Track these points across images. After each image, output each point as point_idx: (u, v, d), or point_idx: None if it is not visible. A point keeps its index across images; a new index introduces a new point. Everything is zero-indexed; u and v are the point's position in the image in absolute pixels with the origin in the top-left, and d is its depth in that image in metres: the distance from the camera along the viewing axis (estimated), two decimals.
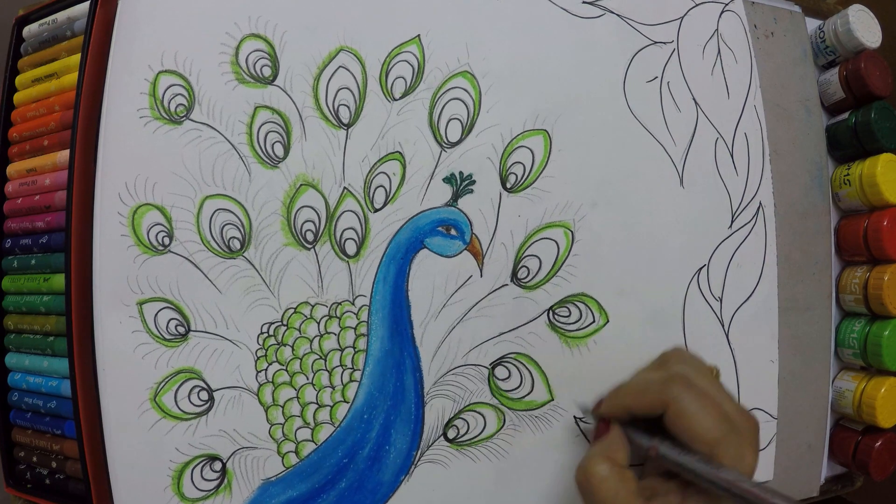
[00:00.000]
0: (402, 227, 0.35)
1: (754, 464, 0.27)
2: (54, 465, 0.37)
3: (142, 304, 0.33)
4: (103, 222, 0.34)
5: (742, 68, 0.42)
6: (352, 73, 0.36)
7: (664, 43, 0.40)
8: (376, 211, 0.35)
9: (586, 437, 0.36)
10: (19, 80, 0.41)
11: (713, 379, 0.30)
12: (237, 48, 0.35)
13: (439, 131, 0.36)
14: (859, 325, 0.43)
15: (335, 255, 0.35)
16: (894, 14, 0.53)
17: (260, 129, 0.35)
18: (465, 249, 0.36)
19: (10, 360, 0.39)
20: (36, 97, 0.39)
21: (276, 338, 0.34)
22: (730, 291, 0.40)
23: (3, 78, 0.42)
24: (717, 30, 0.41)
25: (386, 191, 0.35)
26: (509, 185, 0.37)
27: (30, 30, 0.41)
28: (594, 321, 0.37)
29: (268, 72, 0.35)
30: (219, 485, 0.33)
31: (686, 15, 0.41)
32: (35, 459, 0.37)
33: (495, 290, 0.36)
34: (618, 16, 0.39)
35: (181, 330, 0.34)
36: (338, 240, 0.35)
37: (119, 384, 0.33)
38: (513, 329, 0.36)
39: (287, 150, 0.35)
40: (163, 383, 0.33)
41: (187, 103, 0.34)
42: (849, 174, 0.43)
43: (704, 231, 0.39)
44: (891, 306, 0.41)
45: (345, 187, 0.35)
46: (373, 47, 0.36)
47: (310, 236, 0.35)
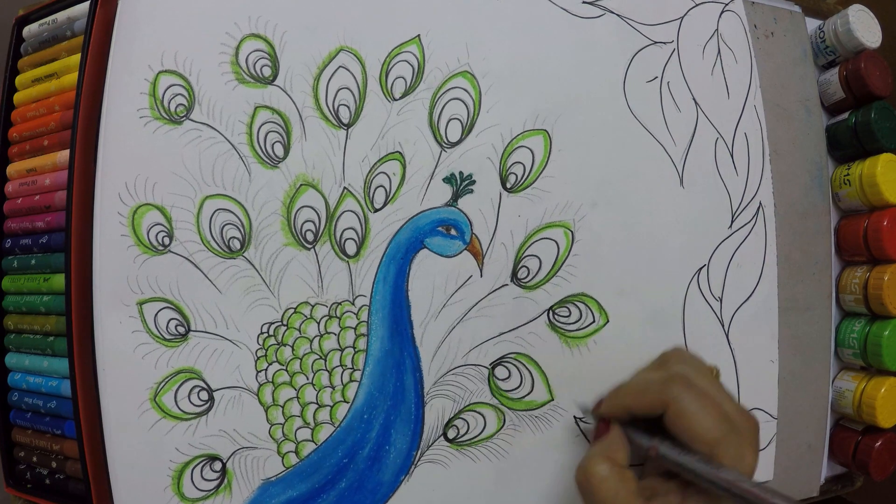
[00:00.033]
0: (402, 227, 0.35)
1: (754, 464, 0.27)
2: (54, 465, 0.37)
3: (142, 304, 0.33)
4: (103, 222, 0.34)
5: (742, 68, 0.42)
6: (352, 73, 0.36)
7: (664, 43, 0.40)
8: (376, 211, 0.35)
9: (586, 437, 0.36)
10: (19, 80, 0.41)
11: (713, 379, 0.30)
12: (237, 48, 0.35)
13: (439, 131, 0.36)
14: (859, 325, 0.43)
15: (335, 255, 0.35)
16: (894, 14, 0.53)
17: (260, 129, 0.35)
18: (465, 249, 0.36)
19: (10, 360, 0.39)
20: (36, 97, 0.39)
21: (276, 338, 0.34)
22: (730, 291, 0.40)
23: (3, 78, 0.42)
24: (717, 30, 0.41)
25: (386, 191, 0.35)
26: (509, 185, 0.37)
27: (30, 30, 0.41)
28: (594, 321, 0.37)
29: (268, 72, 0.35)
30: (219, 485, 0.33)
31: (686, 15, 0.41)
32: (35, 459, 0.37)
33: (495, 290, 0.36)
34: (618, 16, 0.39)
35: (181, 330, 0.34)
36: (338, 240, 0.35)
37: (119, 384, 0.33)
38: (513, 329, 0.36)
39: (287, 150, 0.35)
40: (163, 383, 0.33)
41: (187, 103, 0.34)
42: (849, 174, 0.43)
43: (704, 231, 0.39)
44: (891, 306, 0.41)
45: (345, 187, 0.35)
46: (373, 47, 0.36)
47: (310, 236, 0.35)
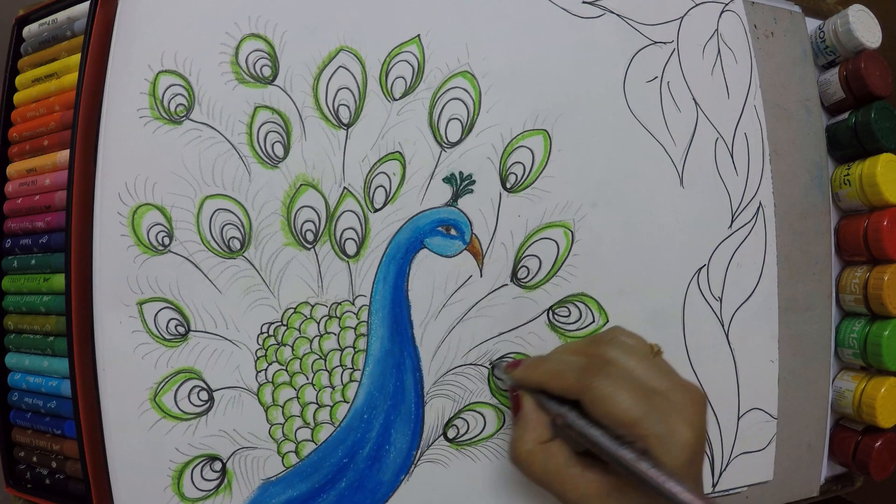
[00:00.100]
0: (402, 227, 0.35)
1: (690, 437, 0.26)
2: (54, 465, 0.37)
3: (142, 304, 0.33)
4: (103, 222, 0.34)
5: (742, 68, 0.42)
6: (352, 73, 0.36)
7: (664, 43, 0.40)
8: (376, 211, 0.35)
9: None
10: (19, 80, 0.41)
11: (643, 357, 0.29)
12: (237, 48, 0.35)
13: (439, 131, 0.36)
14: (859, 325, 0.43)
15: (335, 255, 0.35)
16: (894, 14, 0.53)
17: (260, 128, 0.35)
18: (465, 249, 0.36)
19: (10, 360, 0.39)
20: (36, 97, 0.39)
21: (276, 338, 0.34)
22: (730, 291, 0.40)
23: (3, 78, 0.42)
24: (717, 30, 0.41)
25: (386, 191, 0.35)
26: (509, 185, 0.37)
27: (30, 30, 0.41)
28: (594, 321, 0.37)
29: (268, 72, 0.35)
30: (219, 485, 0.33)
31: (686, 15, 0.41)
32: (35, 459, 0.37)
33: (495, 289, 0.36)
34: (618, 16, 0.39)
35: (181, 330, 0.34)
36: (338, 240, 0.35)
37: (119, 384, 0.33)
38: (513, 329, 0.36)
39: (287, 149, 0.35)
40: (163, 383, 0.33)
41: (187, 103, 0.34)
42: (849, 174, 0.43)
43: (704, 231, 0.39)
44: (891, 306, 0.41)
45: (345, 187, 0.35)
46: (373, 47, 0.36)
47: (310, 236, 0.35)
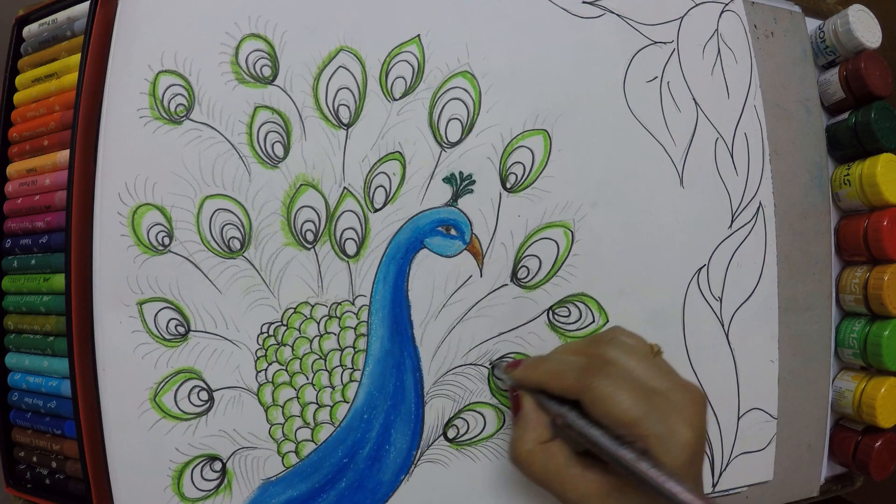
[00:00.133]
0: (402, 227, 0.35)
1: (690, 437, 0.25)
2: (54, 465, 0.37)
3: (142, 304, 0.33)
4: (103, 222, 0.34)
5: (742, 68, 0.42)
6: (352, 73, 0.36)
7: (664, 43, 0.40)
8: (376, 211, 0.35)
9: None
10: (19, 80, 0.41)
11: (643, 357, 0.29)
12: (237, 48, 0.35)
13: (439, 131, 0.36)
14: (859, 325, 0.43)
15: (335, 255, 0.35)
16: (894, 14, 0.53)
17: (260, 128, 0.35)
18: (465, 249, 0.36)
19: (10, 360, 0.39)
20: (36, 97, 0.39)
21: (276, 338, 0.34)
22: (730, 291, 0.40)
23: (3, 78, 0.42)
24: (717, 30, 0.41)
25: (386, 191, 0.35)
26: (509, 185, 0.37)
27: (30, 30, 0.41)
28: (594, 321, 0.37)
29: (268, 72, 0.35)
30: (219, 485, 0.33)
31: (686, 15, 0.41)
32: (35, 459, 0.37)
33: (495, 289, 0.36)
34: (618, 16, 0.39)
35: (181, 330, 0.34)
36: (338, 240, 0.35)
37: (119, 384, 0.33)
38: (513, 329, 0.36)
39: (287, 149, 0.35)
40: (163, 383, 0.33)
41: (187, 103, 0.34)
42: (849, 174, 0.43)
43: (704, 231, 0.39)
44: (891, 306, 0.41)
45: (345, 187, 0.35)
46: (373, 47, 0.36)
47: (310, 236, 0.35)
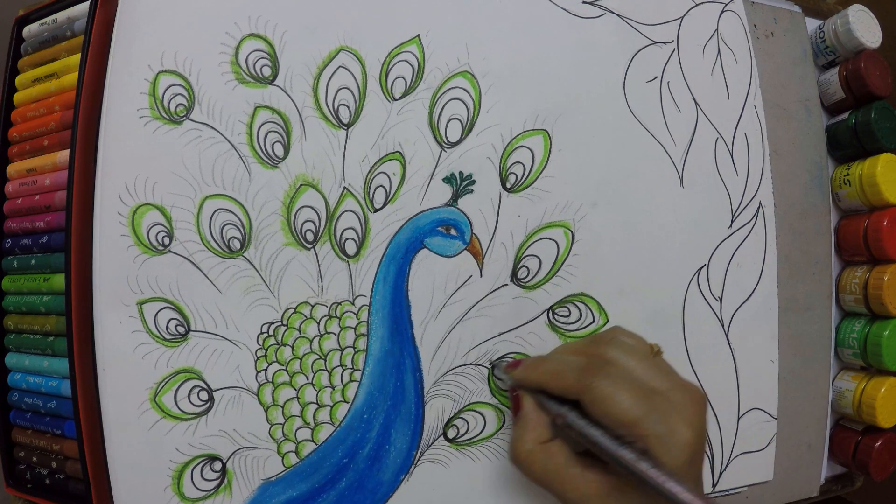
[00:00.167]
0: (402, 227, 0.35)
1: (690, 437, 0.25)
2: (54, 465, 0.37)
3: (142, 304, 0.33)
4: (103, 222, 0.34)
5: (742, 68, 0.42)
6: (352, 73, 0.36)
7: (664, 43, 0.40)
8: (376, 211, 0.35)
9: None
10: (19, 80, 0.41)
11: (643, 357, 0.29)
12: (237, 48, 0.35)
13: (439, 131, 0.36)
14: (859, 325, 0.43)
15: (335, 255, 0.35)
16: (894, 14, 0.53)
17: (260, 129, 0.35)
18: (465, 249, 0.36)
19: (10, 360, 0.39)
20: (36, 97, 0.39)
21: (276, 338, 0.34)
22: (730, 291, 0.40)
23: (3, 78, 0.42)
24: (717, 30, 0.41)
25: (386, 191, 0.35)
26: (509, 185, 0.37)
27: (30, 30, 0.41)
28: (594, 321, 0.37)
29: (268, 72, 0.35)
30: (219, 485, 0.33)
31: (686, 15, 0.41)
32: (35, 459, 0.37)
33: (495, 289, 0.36)
34: (618, 16, 0.39)
35: (181, 330, 0.34)
36: (338, 240, 0.35)
37: (119, 384, 0.33)
38: (513, 329, 0.36)
39: (287, 149, 0.35)
40: (163, 383, 0.33)
41: (187, 103, 0.34)
42: (849, 174, 0.43)
43: (704, 231, 0.39)
44: (891, 306, 0.41)
45: (345, 187, 0.35)
46: (373, 47, 0.36)
47: (310, 236, 0.35)
